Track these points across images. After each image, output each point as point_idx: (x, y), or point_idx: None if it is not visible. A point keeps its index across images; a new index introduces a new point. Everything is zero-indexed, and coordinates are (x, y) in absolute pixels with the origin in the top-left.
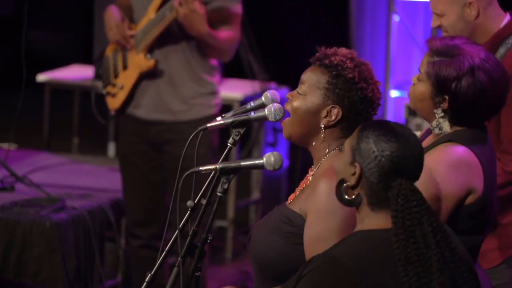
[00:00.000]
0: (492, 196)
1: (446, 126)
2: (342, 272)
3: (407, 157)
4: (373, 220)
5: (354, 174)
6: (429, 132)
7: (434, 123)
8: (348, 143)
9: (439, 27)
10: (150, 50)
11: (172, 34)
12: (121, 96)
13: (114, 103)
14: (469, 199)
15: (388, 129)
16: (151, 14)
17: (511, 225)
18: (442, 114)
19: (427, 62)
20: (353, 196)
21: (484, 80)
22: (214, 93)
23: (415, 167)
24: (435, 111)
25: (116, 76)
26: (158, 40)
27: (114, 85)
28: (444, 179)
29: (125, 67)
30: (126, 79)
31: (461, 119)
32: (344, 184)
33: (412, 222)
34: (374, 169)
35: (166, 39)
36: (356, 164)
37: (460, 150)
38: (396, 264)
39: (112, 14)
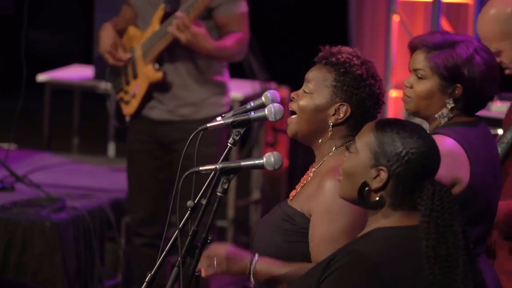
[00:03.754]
0: (485, 187)
1: (448, 116)
2: (371, 268)
3: (433, 154)
4: (392, 218)
5: (376, 177)
6: None
7: (445, 111)
8: (364, 145)
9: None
10: (158, 59)
11: (180, 44)
12: (135, 103)
13: (129, 110)
14: (455, 190)
15: (410, 128)
16: (155, 25)
17: None
18: (453, 104)
19: (427, 58)
20: (376, 199)
21: (487, 58)
22: (224, 92)
23: (438, 162)
24: (447, 101)
25: (127, 83)
26: (166, 49)
27: (126, 92)
28: None
29: (135, 75)
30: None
31: (473, 104)
32: (366, 188)
33: (445, 222)
34: (404, 171)
35: (174, 48)
36: (383, 167)
37: (444, 141)
38: (420, 261)
39: (105, 37)
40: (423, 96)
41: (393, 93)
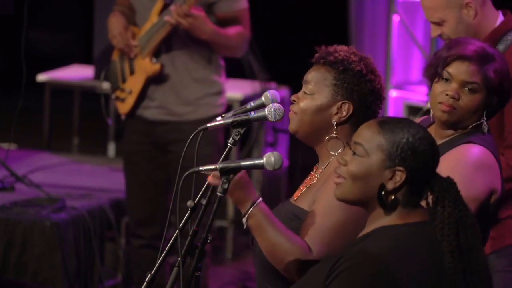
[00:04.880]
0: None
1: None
2: (382, 268)
3: (437, 147)
4: (396, 216)
5: (392, 178)
6: (424, 122)
7: (484, 121)
8: (375, 147)
9: (439, 36)
10: (156, 54)
11: (178, 37)
12: (130, 101)
13: (124, 108)
14: (491, 200)
15: (417, 125)
16: (153, 18)
17: (508, 219)
18: (486, 116)
19: (479, 72)
20: (391, 199)
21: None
22: (220, 92)
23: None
24: (485, 112)
25: (124, 80)
26: (164, 43)
27: (122, 90)
28: (470, 180)
29: (132, 72)
30: (134, 84)
31: (497, 112)
32: (384, 190)
33: (461, 213)
34: (419, 168)
35: (171, 43)
36: (400, 168)
37: (480, 151)
38: (431, 257)
39: (116, 22)
40: (473, 109)
41: (393, 93)
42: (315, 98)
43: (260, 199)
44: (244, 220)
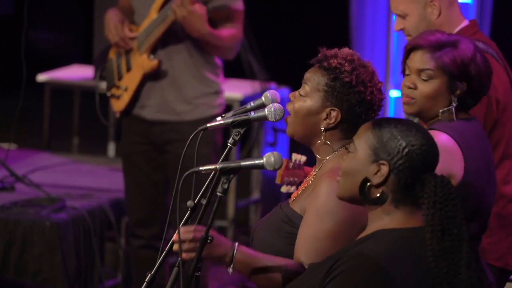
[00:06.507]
0: (479, 184)
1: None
2: (379, 271)
3: (432, 148)
4: (396, 218)
5: (377, 172)
6: None
7: (452, 109)
8: (363, 143)
9: (402, 30)
10: (153, 50)
11: (176, 34)
12: (126, 98)
13: (118, 105)
14: None
15: (408, 124)
16: (153, 14)
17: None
18: (457, 102)
19: (434, 58)
20: (378, 195)
21: (485, 56)
22: (218, 92)
23: (438, 155)
24: (453, 99)
25: (120, 78)
26: (162, 40)
27: (118, 87)
28: None
29: (128, 68)
30: (130, 81)
31: (472, 101)
32: (368, 184)
33: (448, 214)
34: (405, 165)
35: (169, 39)
36: (383, 162)
37: (439, 137)
38: (427, 262)
39: (112, 16)
40: (431, 96)
41: (393, 93)
42: (307, 101)
43: (236, 244)
44: (231, 268)
